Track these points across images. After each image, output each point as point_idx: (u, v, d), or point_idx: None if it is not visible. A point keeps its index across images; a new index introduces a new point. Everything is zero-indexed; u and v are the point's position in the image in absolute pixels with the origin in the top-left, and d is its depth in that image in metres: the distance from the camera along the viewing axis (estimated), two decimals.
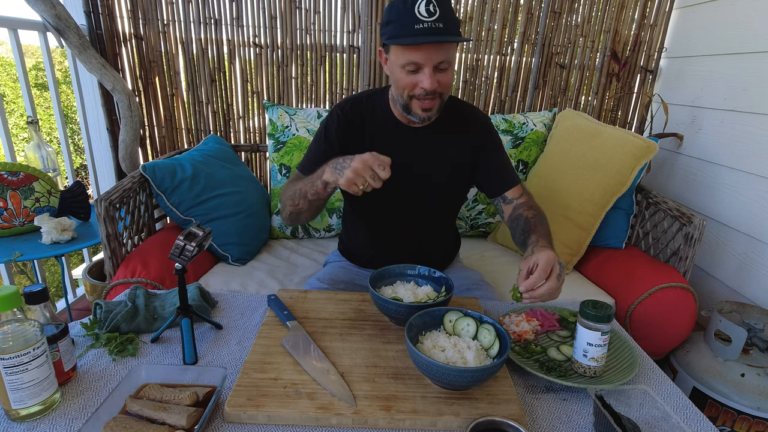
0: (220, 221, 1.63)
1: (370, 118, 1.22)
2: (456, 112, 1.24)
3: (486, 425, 0.72)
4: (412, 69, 1.06)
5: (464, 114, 1.26)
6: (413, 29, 1.00)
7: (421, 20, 1.00)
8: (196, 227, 0.88)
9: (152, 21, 1.99)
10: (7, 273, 1.80)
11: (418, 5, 1.00)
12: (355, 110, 1.22)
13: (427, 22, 1.00)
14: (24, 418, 0.73)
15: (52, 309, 0.80)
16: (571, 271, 1.74)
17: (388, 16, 1.06)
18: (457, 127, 1.24)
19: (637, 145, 1.63)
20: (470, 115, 1.26)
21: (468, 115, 1.26)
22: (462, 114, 1.25)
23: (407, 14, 1.00)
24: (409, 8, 1.00)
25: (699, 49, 1.96)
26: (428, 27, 1.00)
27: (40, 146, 1.69)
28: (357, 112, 1.22)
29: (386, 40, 1.07)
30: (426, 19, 1.00)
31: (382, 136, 1.22)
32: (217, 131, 2.18)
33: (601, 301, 0.87)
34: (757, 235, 1.63)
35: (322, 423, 0.75)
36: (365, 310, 1.07)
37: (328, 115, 1.24)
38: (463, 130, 1.24)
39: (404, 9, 1.01)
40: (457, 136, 1.24)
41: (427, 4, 1.00)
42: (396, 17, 1.03)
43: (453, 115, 1.23)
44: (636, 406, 0.79)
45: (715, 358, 1.44)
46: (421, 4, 1.00)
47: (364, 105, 1.23)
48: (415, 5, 1.00)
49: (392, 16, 1.04)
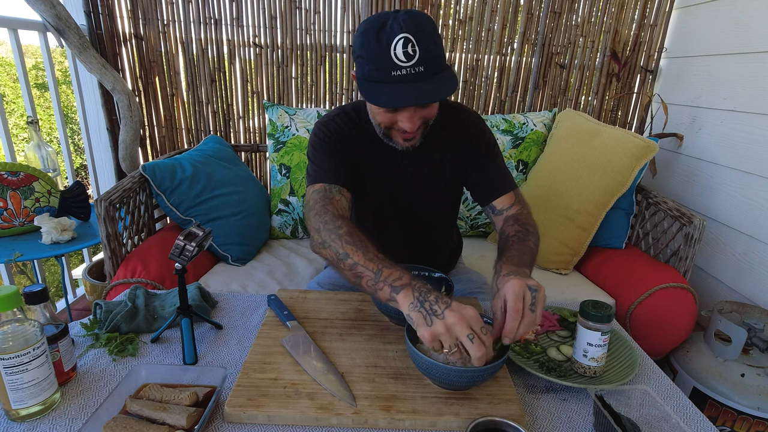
0: (220, 221, 1.63)
1: (360, 132, 1.11)
2: (446, 118, 1.14)
3: (486, 425, 0.71)
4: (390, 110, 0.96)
5: (456, 120, 1.15)
6: (390, 76, 0.87)
7: (398, 66, 0.86)
8: (196, 227, 0.88)
9: (152, 21, 1.99)
10: (7, 273, 1.80)
11: (395, 47, 0.85)
12: (345, 124, 1.11)
13: (405, 67, 0.86)
14: (24, 418, 0.73)
15: (52, 309, 0.80)
16: (571, 271, 1.74)
17: (360, 49, 0.91)
18: (450, 137, 1.14)
19: (637, 145, 1.63)
20: (461, 121, 1.16)
21: (459, 120, 1.16)
22: (454, 120, 1.15)
23: (382, 56, 0.86)
24: (383, 50, 0.86)
25: (699, 49, 1.96)
26: (406, 74, 0.86)
27: (40, 146, 1.69)
28: (348, 126, 1.11)
29: (358, 77, 0.94)
30: (404, 64, 0.86)
31: (375, 151, 1.12)
32: (217, 131, 2.18)
33: (601, 301, 0.87)
34: (757, 235, 1.63)
35: (322, 423, 0.75)
36: (365, 310, 1.07)
37: (318, 128, 1.11)
38: (456, 140, 1.15)
39: (379, 49, 0.87)
40: (452, 147, 1.15)
41: (405, 45, 0.85)
42: (369, 56, 0.89)
43: (444, 122, 1.13)
44: (636, 406, 0.79)
45: (715, 358, 1.44)
46: (398, 45, 0.85)
47: (353, 119, 1.12)
48: (390, 46, 0.85)
49: (364, 52, 0.90)
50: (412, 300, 0.76)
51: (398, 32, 0.85)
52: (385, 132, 1.03)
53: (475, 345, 0.71)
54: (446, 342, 0.73)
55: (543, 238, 1.69)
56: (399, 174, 1.14)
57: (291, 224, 1.91)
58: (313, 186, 1.05)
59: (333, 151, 1.08)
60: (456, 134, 1.14)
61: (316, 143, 1.10)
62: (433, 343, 0.74)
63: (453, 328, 0.72)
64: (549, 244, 1.71)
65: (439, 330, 0.72)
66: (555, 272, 1.73)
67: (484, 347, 0.72)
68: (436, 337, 0.73)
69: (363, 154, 1.12)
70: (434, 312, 0.73)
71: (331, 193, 1.02)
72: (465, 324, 0.72)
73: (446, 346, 0.73)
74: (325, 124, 1.11)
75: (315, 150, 1.10)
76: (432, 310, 0.74)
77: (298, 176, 1.86)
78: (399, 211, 1.19)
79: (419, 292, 0.77)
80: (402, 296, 0.77)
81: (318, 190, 1.03)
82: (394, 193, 1.17)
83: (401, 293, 0.78)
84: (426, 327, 0.73)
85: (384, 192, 1.17)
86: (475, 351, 0.71)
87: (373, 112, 1.01)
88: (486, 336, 0.73)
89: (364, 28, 0.90)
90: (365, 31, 0.89)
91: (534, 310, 0.79)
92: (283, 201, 1.88)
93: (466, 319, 0.72)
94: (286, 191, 1.87)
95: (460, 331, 0.71)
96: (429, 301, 0.75)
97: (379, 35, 0.87)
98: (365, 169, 1.13)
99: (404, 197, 1.18)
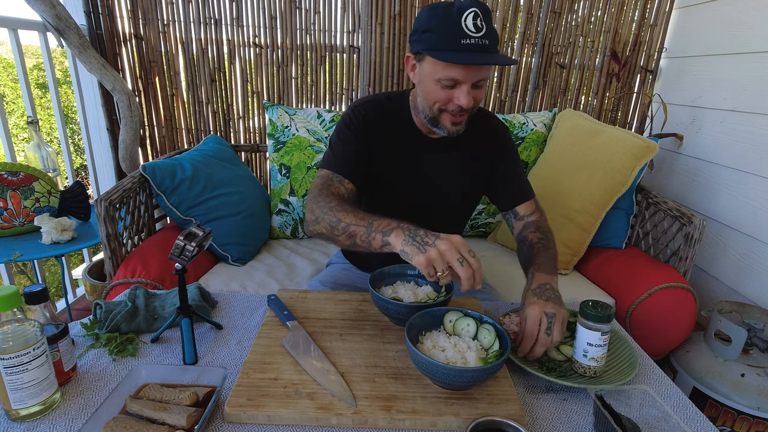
0: (220, 221, 1.63)
1: (390, 122, 1.16)
2: (476, 122, 1.17)
3: (486, 425, 0.71)
4: (449, 84, 1.00)
5: (484, 124, 1.20)
6: (459, 44, 0.93)
7: (468, 35, 0.92)
8: (196, 227, 0.88)
9: (152, 21, 1.99)
10: (7, 273, 1.80)
11: (465, 18, 0.92)
12: (376, 111, 1.15)
13: (474, 37, 0.93)
14: (24, 418, 0.73)
15: (52, 309, 0.80)
16: (570, 271, 1.74)
17: (428, 23, 0.97)
18: (476, 138, 1.18)
19: (637, 145, 1.63)
20: (489, 126, 1.21)
21: (487, 125, 1.21)
22: (481, 124, 1.19)
23: (453, 26, 0.93)
24: (455, 20, 0.93)
25: (699, 49, 1.96)
26: (475, 43, 0.93)
27: (40, 146, 1.69)
28: (378, 113, 1.15)
29: (424, 49, 0.99)
30: (473, 34, 0.93)
31: (401, 143, 1.16)
32: (217, 131, 2.18)
33: (601, 301, 0.87)
34: (757, 235, 1.63)
35: (322, 423, 0.75)
36: (365, 310, 1.07)
37: (348, 112, 1.16)
38: (482, 142, 1.19)
39: (450, 20, 0.93)
40: (476, 148, 1.19)
41: (475, 18, 0.92)
42: (439, 27, 0.95)
43: (473, 125, 1.15)
44: (636, 406, 0.79)
45: (715, 358, 1.44)
46: (468, 16, 0.92)
47: (385, 107, 1.16)
48: (462, 17, 0.92)
49: (434, 24, 0.96)
50: (404, 237, 0.84)
51: (469, 6, 0.94)
52: (436, 115, 1.06)
53: (464, 267, 0.80)
54: (439, 266, 0.80)
55: None
56: (421, 167, 1.18)
57: (291, 224, 1.91)
58: (321, 170, 1.11)
59: (351, 140, 1.12)
60: (482, 134, 1.19)
61: (340, 128, 1.15)
62: (428, 269, 0.81)
63: (445, 253, 0.80)
64: None
65: (433, 255, 0.80)
66: None
67: (471, 269, 0.81)
68: (430, 263, 0.80)
69: (388, 142, 1.15)
70: (426, 242, 0.82)
71: (331, 181, 1.08)
72: (455, 249, 0.81)
73: (439, 270, 0.80)
74: (354, 109, 1.16)
75: (336, 134, 1.15)
76: (424, 241, 0.82)
77: (298, 176, 1.86)
78: (413, 205, 1.20)
79: (408, 230, 0.85)
80: (393, 237, 0.85)
81: (322, 175, 1.10)
82: (412, 187, 1.20)
83: (392, 235, 0.86)
84: (421, 254, 0.80)
85: (401, 184, 1.19)
86: (463, 272, 0.80)
87: (427, 91, 1.04)
88: (474, 259, 0.81)
89: (433, 5, 0.98)
90: (435, 6, 0.97)
91: (549, 334, 0.87)
92: (283, 201, 1.88)
93: (455, 245, 0.81)
94: (286, 191, 1.87)
95: (450, 255, 0.80)
96: (419, 235, 0.83)
97: (449, 9, 0.95)
98: (387, 158, 1.17)
99: (422, 191, 1.20)
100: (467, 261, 0.81)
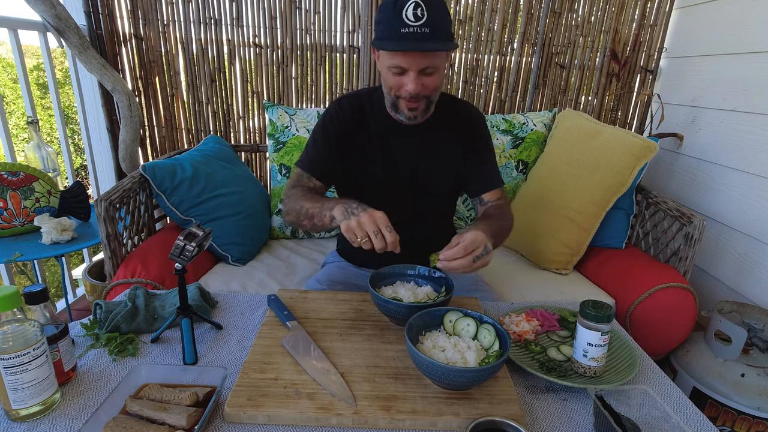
0: (220, 221, 1.63)
1: (369, 114, 1.23)
2: (452, 110, 1.26)
3: (486, 425, 0.71)
4: (397, 71, 1.07)
5: (460, 112, 1.27)
6: (398, 33, 1.00)
7: (407, 24, 0.99)
8: (196, 227, 0.88)
9: (152, 21, 1.99)
10: (7, 273, 1.80)
11: (406, 9, 0.99)
12: (354, 106, 1.23)
13: (413, 26, 0.99)
14: (24, 418, 0.73)
15: (52, 309, 0.80)
16: (570, 271, 1.74)
17: (378, 16, 1.07)
18: (452, 126, 1.25)
19: (637, 145, 1.63)
20: (466, 113, 1.28)
21: (463, 113, 1.28)
22: (458, 112, 1.27)
23: (395, 17, 1.00)
24: (397, 11, 1.00)
25: (699, 49, 1.96)
26: (413, 32, 0.99)
27: (40, 146, 1.69)
28: (356, 107, 1.23)
29: (374, 40, 1.09)
30: (412, 23, 0.99)
31: (380, 133, 1.23)
32: (217, 131, 2.18)
33: (601, 301, 0.87)
34: (757, 235, 1.63)
35: (322, 423, 0.75)
36: (365, 310, 1.07)
37: (326, 110, 1.25)
38: (458, 129, 1.26)
39: (393, 12, 1.01)
40: (453, 135, 1.25)
41: (415, 8, 0.99)
42: (384, 18, 1.03)
43: (449, 114, 1.24)
44: (636, 406, 0.79)
45: (715, 358, 1.44)
46: (409, 7, 0.99)
47: (364, 101, 1.24)
48: (403, 9, 0.99)
49: (381, 16, 1.05)
50: (342, 210, 0.97)
51: None
52: (395, 101, 1.14)
53: (378, 238, 0.91)
54: (358, 233, 0.92)
55: (543, 237, 1.72)
56: (402, 154, 1.24)
57: None
58: (296, 167, 1.24)
59: (322, 143, 1.22)
60: (459, 119, 1.27)
61: (317, 127, 1.25)
62: (348, 233, 0.93)
63: (364, 224, 0.91)
64: (549, 244, 1.71)
65: (353, 224, 0.92)
66: (555, 272, 1.72)
67: (384, 242, 0.91)
68: (350, 229, 0.92)
69: (366, 132, 1.23)
70: (353, 213, 0.95)
71: (303, 178, 1.21)
72: (373, 222, 0.91)
73: (358, 237, 0.92)
74: (334, 105, 1.25)
75: (313, 134, 1.25)
76: (351, 212, 0.95)
77: None
78: (395, 195, 1.23)
79: (346, 203, 0.98)
80: (336, 211, 0.98)
81: (297, 172, 1.23)
82: (393, 173, 1.25)
83: (335, 209, 0.99)
84: (346, 221, 0.94)
85: (381, 171, 1.25)
86: (377, 243, 0.91)
87: (384, 78, 1.13)
88: (390, 234, 0.91)
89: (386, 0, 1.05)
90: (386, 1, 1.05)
91: (474, 262, 0.93)
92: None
93: (375, 219, 0.92)
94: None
95: (368, 226, 0.91)
96: (352, 207, 0.96)
97: (396, 3, 1.01)
98: (366, 149, 1.23)
99: (403, 179, 1.25)
100: (382, 234, 0.91)
